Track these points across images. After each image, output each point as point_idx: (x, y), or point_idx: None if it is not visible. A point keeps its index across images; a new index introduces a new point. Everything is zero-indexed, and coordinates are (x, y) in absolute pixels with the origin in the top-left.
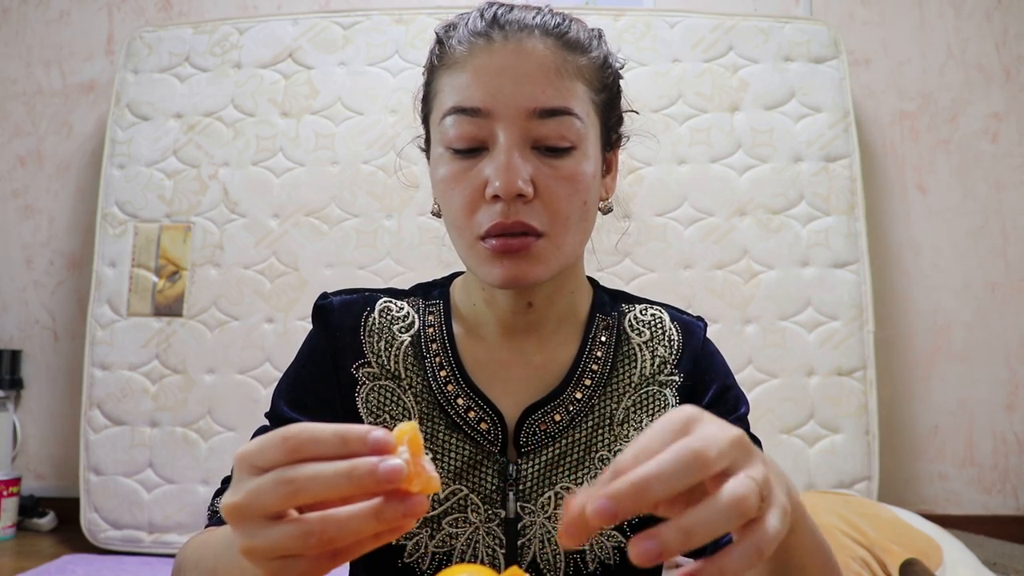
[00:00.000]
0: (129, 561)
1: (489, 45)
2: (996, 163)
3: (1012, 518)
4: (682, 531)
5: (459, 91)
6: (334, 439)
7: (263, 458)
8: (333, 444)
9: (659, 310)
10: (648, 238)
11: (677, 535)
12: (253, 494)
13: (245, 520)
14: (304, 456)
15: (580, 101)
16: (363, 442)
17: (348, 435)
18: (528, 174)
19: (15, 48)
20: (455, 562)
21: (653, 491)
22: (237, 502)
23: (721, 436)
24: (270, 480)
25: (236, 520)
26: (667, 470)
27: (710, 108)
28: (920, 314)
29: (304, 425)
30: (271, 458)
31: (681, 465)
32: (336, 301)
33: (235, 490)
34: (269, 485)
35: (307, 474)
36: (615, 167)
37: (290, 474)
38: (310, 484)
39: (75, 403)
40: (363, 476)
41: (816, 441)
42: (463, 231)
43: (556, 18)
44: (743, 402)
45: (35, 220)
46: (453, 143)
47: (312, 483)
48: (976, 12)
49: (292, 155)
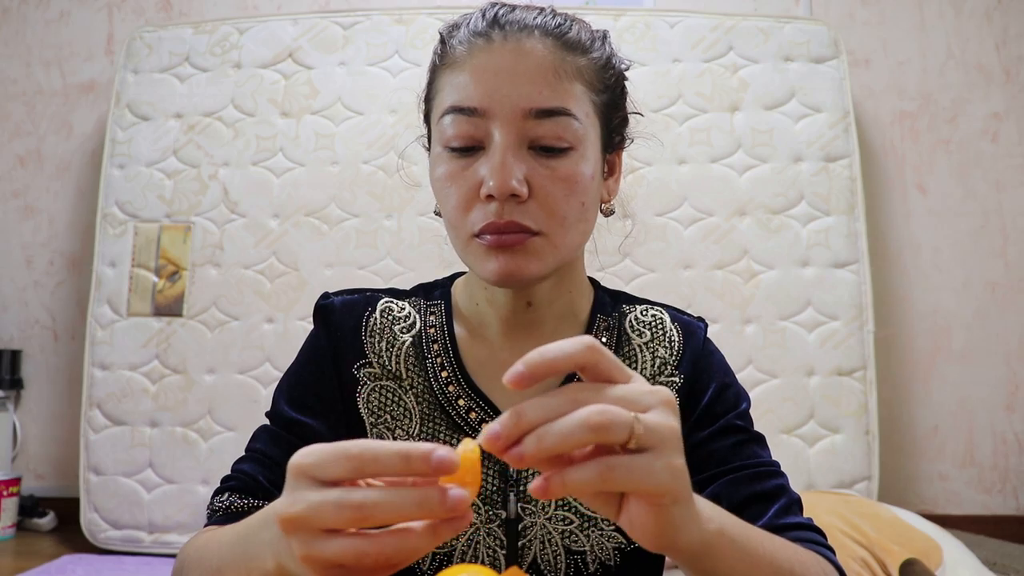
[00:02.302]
0: (129, 561)
1: (488, 45)
2: (996, 163)
3: (1012, 518)
4: (536, 436)
5: (458, 90)
6: (396, 458)
7: (322, 471)
8: (396, 464)
9: (660, 311)
10: (648, 238)
11: (532, 439)
12: (315, 510)
13: (302, 530)
14: (366, 474)
15: (579, 102)
16: (426, 462)
17: (411, 455)
18: (522, 174)
19: (15, 48)
20: (455, 562)
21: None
22: (297, 514)
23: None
24: (334, 499)
25: (292, 529)
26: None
27: (710, 108)
28: (920, 314)
29: (367, 443)
30: (331, 472)
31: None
32: (338, 301)
33: (293, 500)
34: (333, 504)
35: (374, 500)
36: (619, 169)
37: (357, 498)
38: (377, 511)
39: (75, 403)
40: (432, 506)
41: (816, 441)
42: (459, 229)
43: (557, 18)
44: (743, 398)
45: (35, 220)
46: (450, 142)
47: (378, 510)
48: (976, 12)
49: (292, 155)
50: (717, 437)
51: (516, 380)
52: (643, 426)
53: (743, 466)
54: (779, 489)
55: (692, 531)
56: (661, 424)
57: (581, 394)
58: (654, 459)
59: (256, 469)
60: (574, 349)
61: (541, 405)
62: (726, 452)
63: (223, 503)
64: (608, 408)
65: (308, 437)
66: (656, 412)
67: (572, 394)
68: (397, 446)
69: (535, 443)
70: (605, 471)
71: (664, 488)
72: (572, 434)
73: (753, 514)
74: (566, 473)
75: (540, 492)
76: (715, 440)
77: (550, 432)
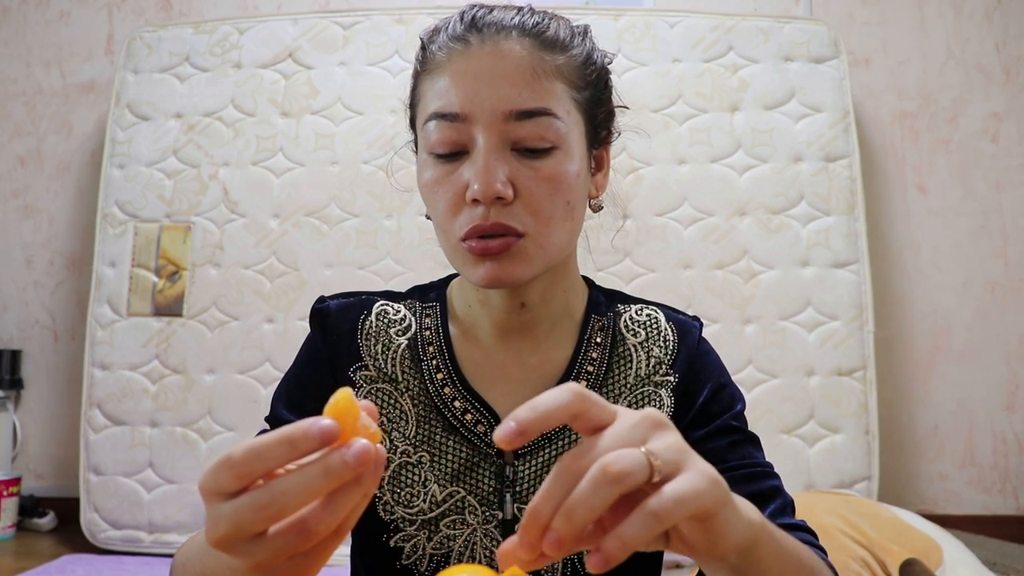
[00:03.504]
0: (129, 561)
1: (467, 49)
2: (996, 163)
3: (1012, 518)
4: (563, 515)
5: (439, 96)
6: (282, 449)
7: (220, 486)
8: (284, 454)
9: (655, 310)
10: (648, 238)
11: (560, 521)
12: (235, 522)
13: (236, 544)
14: (261, 474)
15: (559, 100)
16: (311, 439)
17: (294, 439)
18: (506, 176)
19: (15, 48)
20: (453, 563)
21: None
22: (223, 534)
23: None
24: (247, 505)
25: (228, 548)
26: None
27: (710, 108)
28: (920, 314)
29: (249, 444)
30: (229, 485)
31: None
32: (333, 305)
33: (213, 521)
34: (248, 510)
35: (283, 489)
36: (607, 164)
37: (266, 496)
38: (291, 498)
39: (75, 403)
40: (339, 471)
41: (816, 441)
42: (447, 233)
43: (535, 17)
44: (738, 399)
45: (35, 220)
46: (435, 148)
47: (292, 496)
48: (976, 12)
49: (292, 155)
50: (712, 437)
51: (507, 439)
52: (658, 457)
53: (738, 466)
54: (774, 490)
55: (741, 527)
56: (670, 447)
57: (577, 462)
58: (688, 479)
59: None
60: (564, 400)
61: (548, 494)
62: (721, 452)
63: None
64: (619, 455)
65: None
66: (657, 438)
67: (570, 463)
68: (277, 436)
69: (566, 523)
70: (656, 516)
71: (712, 499)
72: (597, 495)
73: None
74: (620, 535)
75: (602, 565)
76: (710, 440)
77: (577, 506)
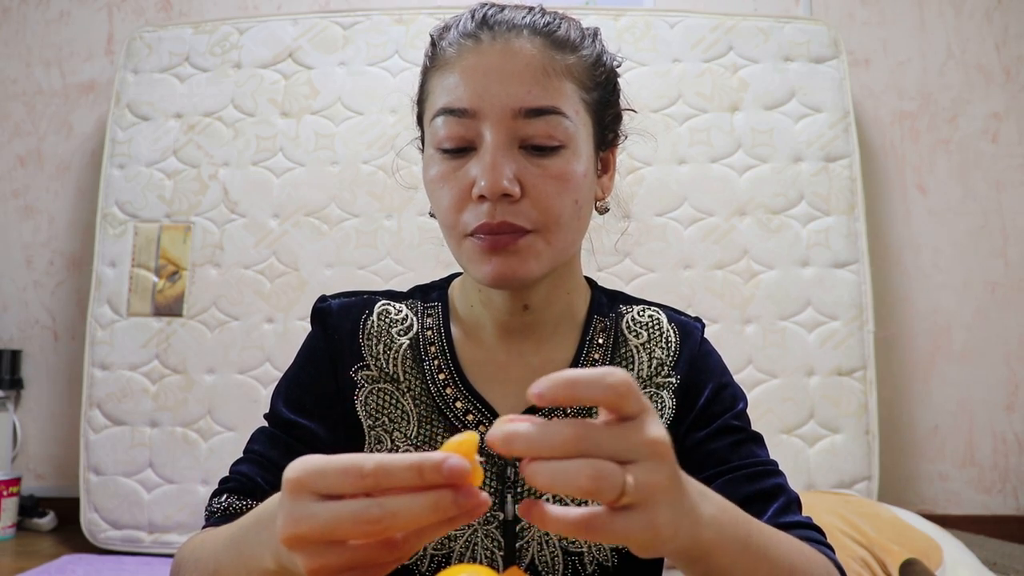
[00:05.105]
0: (129, 561)
1: (477, 46)
2: (996, 163)
3: (1012, 518)
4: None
5: (448, 92)
6: (410, 473)
7: (330, 487)
8: (409, 478)
9: (657, 311)
10: (648, 238)
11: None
12: (331, 526)
13: (311, 545)
14: (379, 489)
15: (569, 100)
16: (439, 472)
17: (424, 468)
18: (513, 173)
19: (15, 48)
20: (454, 563)
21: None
22: (305, 534)
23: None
24: (350, 515)
25: (301, 546)
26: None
27: (710, 108)
28: (920, 314)
29: (381, 459)
30: (342, 489)
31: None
32: (335, 304)
33: (299, 517)
34: (349, 520)
35: (392, 511)
36: (613, 166)
37: (375, 512)
38: (395, 521)
39: (75, 403)
40: (447, 508)
41: (816, 441)
42: (452, 230)
43: (546, 17)
44: (740, 398)
45: (35, 220)
46: (442, 143)
47: (396, 520)
48: (976, 12)
49: (292, 155)
50: (715, 437)
51: (537, 397)
52: (633, 484)
53: (741, 466)
54: (778, 488)
55: (683, 537)
56: (650, 482)
57: (579, 441)
58: (637, 517)
59: (254, 471)
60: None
61: (542, 434)
62: (724, 452)
63: (221, 504)
64: (602, 470)
65: (306, 439)
66: (648, 466)
67: (574, 436)
68: (409, 460)
69: (530, 476)
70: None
71: (639, 544)
72: (567, 484)
73: (752, 513)
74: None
75: (523, 512)
76: (713, 440)
77: (541, 474)
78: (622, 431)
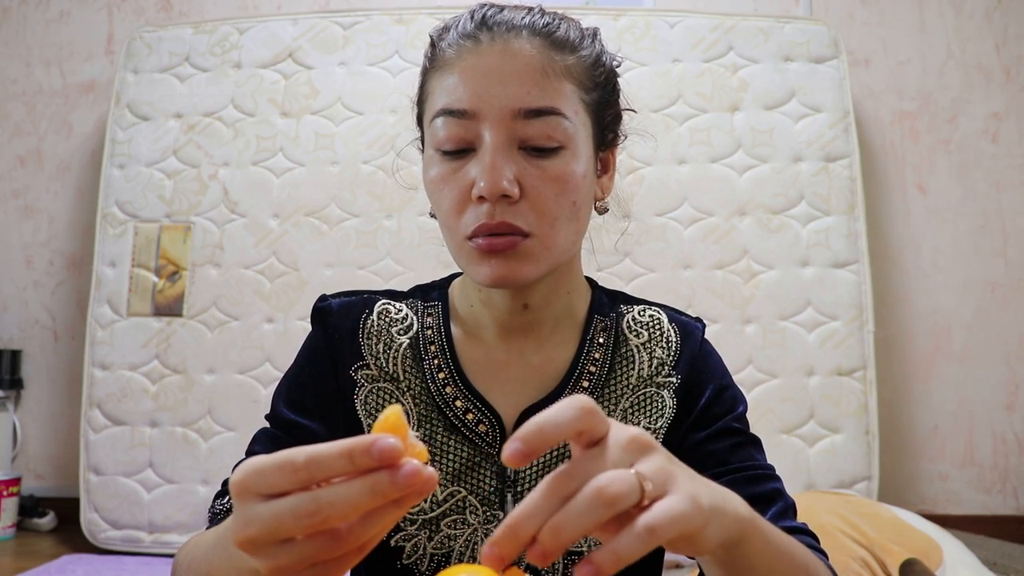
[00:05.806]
0: (129, 561)
1: (477, 47)
2: (996, 163)
3: (1012, 518)
4: (551, 530)
5: (447, 93)
6: (342, 460)
7: (269, 486)
8: (342, 466)
9: (657, 311)
10: (648, 238)
11: (548, 535)
12: (273, 525)
13: (263, 547)
14: (314, 482)
15: (568, 101)
16: (370, 455)
17: (354, 452)
18: (513, 174)
19: (15, 48)
20: (453, 563)
21: (568, 534)
22: (256, 534)
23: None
24: (290, 510)
25: (254, 551)
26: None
27: (710, 108)
28: (920, 314)
29: (311, 451)
30: (279, 487)
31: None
32: (335, 303)
33: (246, 520)
34: (290, 515)
35: (329, 500)
36: (613, 166)
37: (312, 505)
38: (334, 510)
39: (75, 403)
40: (386, 489)
41: (816, 441)
42: (452, 232)
43: (545, 18)
44: (740, 401)
45: (35, 220)
46: (442, 145)
47: (336, 509)
48: (976, 12)
49: (292, 155)
50: (714, 439)
51: (514, 459)
52: (648, 480)
53: (740, 468)
54: (776, 493)
55: (725, 528)
56: (659, 470)
57: (568, 482)
58: (677, 502)
59: None
60: (571, 417)
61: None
62: (723, 454)
63: (224, 506)
64: (614, 478)
65: (307, 439)
66: (645, 460)
67: (560, 483)
68: (339, 447)
69: (553, 538)
70: (652, 532)
71: (699, 521)
72: (590, 516)
73: None
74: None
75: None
76: (712, 442)
77: (567, 523)
78: (600, 451)
